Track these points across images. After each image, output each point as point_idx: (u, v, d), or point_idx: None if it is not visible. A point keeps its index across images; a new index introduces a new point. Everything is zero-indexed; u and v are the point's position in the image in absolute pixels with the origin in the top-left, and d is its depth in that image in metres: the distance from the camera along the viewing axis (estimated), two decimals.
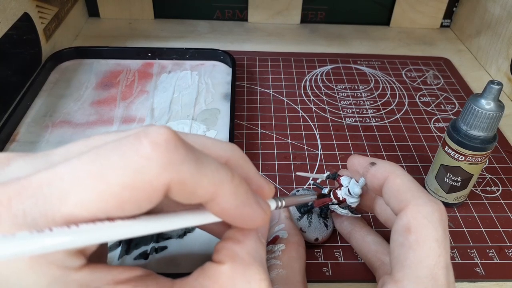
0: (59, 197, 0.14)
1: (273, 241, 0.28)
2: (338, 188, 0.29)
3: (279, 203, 0.22)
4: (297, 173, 0.35)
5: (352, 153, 0.41)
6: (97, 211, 0.14)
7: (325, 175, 0.30)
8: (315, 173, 0.32)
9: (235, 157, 0.20)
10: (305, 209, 0.31)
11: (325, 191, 0.30)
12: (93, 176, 0.14)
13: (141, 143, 0.14)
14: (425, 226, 0.21)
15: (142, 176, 0.14)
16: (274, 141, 0.42)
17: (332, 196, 0.29)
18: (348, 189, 0.28)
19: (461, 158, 0.32)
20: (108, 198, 0.14)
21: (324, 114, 0.46)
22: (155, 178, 0.14)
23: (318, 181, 0.31)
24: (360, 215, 0.30)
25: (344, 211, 0.29)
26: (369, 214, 0.35)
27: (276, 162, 0.39)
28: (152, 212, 0.16)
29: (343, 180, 0.29)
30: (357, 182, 0.28)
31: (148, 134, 0.15)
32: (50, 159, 0.16)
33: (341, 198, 0.28)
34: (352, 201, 0.28)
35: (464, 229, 0.34)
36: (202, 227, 0.25)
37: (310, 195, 0.28)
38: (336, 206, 0.29)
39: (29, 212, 0.14)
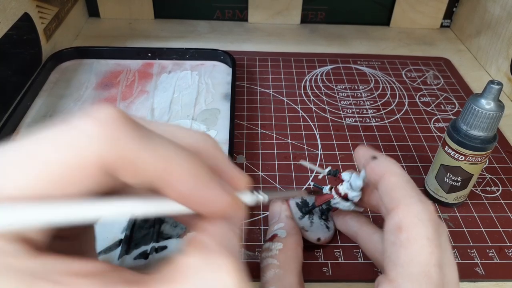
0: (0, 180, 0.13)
1: (271, 239, 0.28)
2: (340, 184, 0.29)
3: (259, 197, 0.20)
4: (300, 162, 0.35)
5: (352, 153, 0.41)
6: (36, 191, 0.14)
7: (327, 170, 0.30)
8: (317, 167, 0.32)
9: (206, 147, 0.18)
10: (306, 210, 0.31)
11: (326, 189, 0.30)
12: (31, 155, 0.14)
13: (80, 119, 0.14)
14: (416, 225, 0.21)
15: (80, 152, 0.14)
16: (274, 141, 0.42)
17: (333, 192, 0.29)
18: (350, 183, 0.28)
19: (461, 158, 0.32)
20: (47, 176, 0.14)
21: (324, 114, 0.46)
22: (94, 154, 0.14)
23: (320, 176, 0.31)
24: (362, 209, 0.29)
25: (347, 204, 0.28)
26: (369, 213, 0.35)
27: (276, 162, 0.39)
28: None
29: (344, 175, 0.28)
30: (358, 176, 0.28)
31: (92, 112, 0.14)
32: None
33: (343, 194, 0.28)
34: (354, 194, 0.28)
35: (464, 229, 0.34)
36: (179, 220, 0.24)
37: (297, 191, 0.28)
38: (339, 200, 0.29)
39: None
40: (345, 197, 0.28)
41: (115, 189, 0.16)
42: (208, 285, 0.15)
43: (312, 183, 0.32)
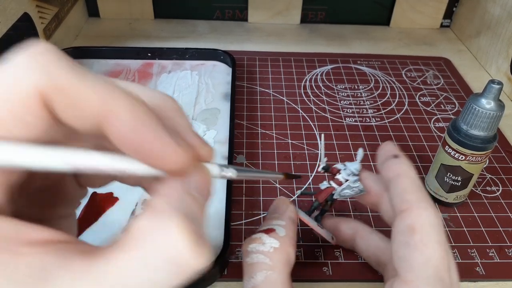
0: None
1: (266, 231, 0.25)
2: (336, 175, 0.28)
3: (226, 172, 0.18)
4: (321, 142, 0.33)
5: (352, 153, 0.41)
6: None
7: (321, 167, 0.29)
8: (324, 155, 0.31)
9: (166, 107, 0.17)
10: (312, 209, 0.30)
11: (324, 185, 0.29)
12: None
13: (16, 54, 0.14)
14: (429, 228, 0.22)
15: (15, 83, 0.13)
16: (274, 141, 0.42)
17: (333, 184, 0.28)
18: (348, 170, 0.28)
19: (461, 157, 0.32)
20: None
21: (324, 114, 0.46)
22: (28, 83, 0.13)
23: (319, 168, 0.30)
24: (365, 192, 0.29)
25: (355, 186, 0.28)
26: (369, 213, 0.35)
27: (276, 162, 0.39)
28: None
29: (338, 165, 0.28)
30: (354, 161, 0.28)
31: (26, 47, 0.14)
32: None
33: (344, 181, 0.28)
34: (355, 179, 0.28)
35: (464, 229, 0.34)
36: (141, 185, 0.21)
37: (276, 173, 0.26)
38: (344, 185, 0.28)
39: None
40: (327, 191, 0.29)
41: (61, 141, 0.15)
42: (159, 248, 0.14)
43: (298, 192, 0.32)
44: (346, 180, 0.28)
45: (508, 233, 0.34)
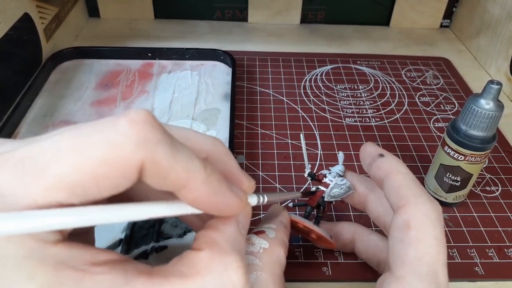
0: (40, 169, 0.14)
1: (256, 233, 0.26)
2: (324, 178, 0.30)
3: (261, 199, 0.22)
4: (301, 136, 0.34)
5: (352, 153, 0.41)
6: (74, 185, 0.14)
7: (307, 172, 0.31)
8: (306, 159, 0.31)
9: (217, 151, 0.20)
10: (305, 215, 0.30)
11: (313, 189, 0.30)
12: (73, 150, 0.14)
13: (119, 121, 0.15)
14: (425, 224, 0.21)
15: (118, 151, 0.14)
16: (274, 141, 0.42)
17: (322, 187, 0.30)
18: (333, 172, 0.29)
19: (461, 157, 0.32)
20: (85, 171, 0.14)
21: (324, 114, 0.46)
22: (130, 154, 0.15)
23: (306, 174, 0.31)
24: (354, 190, 0.29)
25: (342, 183, 0.29)
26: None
27: (276, 162, 0.39)
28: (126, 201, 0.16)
29: (323, 171, 0.30)
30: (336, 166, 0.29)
31: (127, 114, 0.15)
32: (34, 140, 0.16)
33: (332, 183, 0.29)
34: (342, 182, 0.29)
35: (464, 229, 0.34)
36: (184, 219, 0.25)
37: (294, 193, 0.28)
38: (332, 186, 0.29)
39: (9, 181, 0.14)
40: (318, 195, 0.30)
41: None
42: (218, 282, 0.16)
43: (291, 205, 0.33)
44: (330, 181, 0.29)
45: (507, 233, 0.34)
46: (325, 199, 0.29)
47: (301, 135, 0.34)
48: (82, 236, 0.20)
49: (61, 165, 0.14)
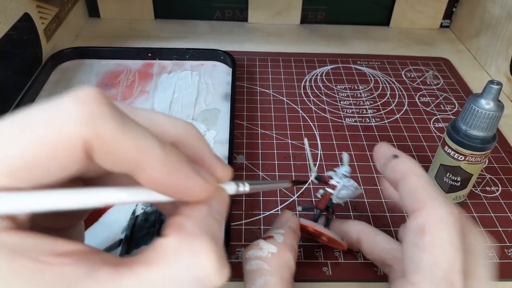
0: None
1: (265, 238, 0.26)
2: (330, 180, 0.30)
3: (241, 187, 0.20)
4: (305, 141, 0.34)
5: (352, 153, 0.41)
6: (15, 168, 0.14)
7: (313, 175, 0.31)
8: (312, 161, 0.32)
9: (187, 135, 0.18)
10: (315, 218, 0.30)
11: (320, 193, 0.31)
12: (11, 132, 0.14)
13: (63, 100, 0.14)
14: (440, 229, 0.21)
15: (60, 130, 0.14)
16: (274, 141, 0.42)
17: (329, 190, 0.30)
18: (339, 173, 0.29)
19: (461, 158, 0.32)
20: (25, 153, 0.14)
21: (324, 114, 0.46)
22: (72, 131, 0.14)
23: (312, 177, 0.31)
24: (361, 190, 0.29)
25: (349, 184, 0.29)
26: (369, 214, 0.35)
27: (276, 162, 0.39)
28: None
29: (328, 173, 0.30)
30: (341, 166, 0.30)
31: (73, 93, 0.15)
32: None
33: (339, 185, 0.29)
34: (350, 183, 0.29)
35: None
36: (161, 209, 0.23)
37: (282, 182, 0.27)
38: (338, 190, 0.29)
39: None
40: (326, 197, 0.30)
41: (87, 177, 0.17)
42: (187, 267, 0.15)
43: (300, 208, 0.33)
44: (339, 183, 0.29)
45: (507, 233, 0.34)
46: (334, 201, 0.30)
47: (305, 140, 0.34)
48: (64, 232, 0.19)
49: (5, 149, 0.14)
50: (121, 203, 0.16)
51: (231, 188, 0.19)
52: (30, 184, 0.14)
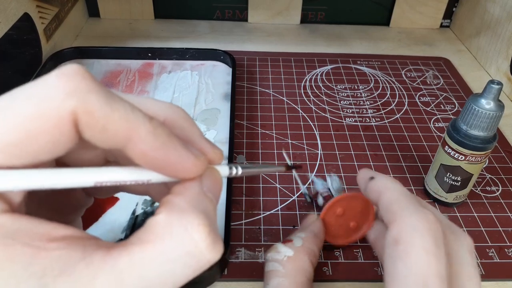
0: None
1: (284, 242, 0.27)
2: (318, 195, 0.34)
3: (234, 170, 0.19)
4: (283, 152, 0.37)
5: (352, 153, 0.41)
6: (7, 144, 0.14)
7: (306, 198, 0.36)
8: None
9: (176, 117, 0.18)
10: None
11: (320, 200, 0.34)
12: (3, 109, 0.14)
13: (49, 75, 0.15)
14: (413, 236, 0.21)
15: (47, 103, 0.14)
16: (274, 141, 0.42)
17: (323, 196, 0.34)
18: (323, 187, 0.34)
19: (461, 157, 0.32)
20: (16, 128, 0.14)
21: (324, 114, 0.46)
22: (60, 104, 0.14)
23: (307, 198, 0.36)
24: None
25: (332, 180, 0.35)
26: None
27: (276, 162, 0.39)
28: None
29: (314, 188, 0.35)
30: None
31: (58, 69, 0.15)
32: None
33: (327, 190, 0.34)
34: (331, 179, 0.35)
35: (464, 229, 0.34)
36: (153, 196, 0.23)
37: (276, 166, 0.27)
38: (331, 187, 0.34)
39: None
40: (328, 197, 0.33)
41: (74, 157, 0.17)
42: (178, 243, 0.15)
43: (305, 193, 0.35)
44: (328, 189, 0.34)
45: (507, 233, 0.34)
46: (334, 195, 0.33)
47: (283, 153, 0.36)
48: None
49: None
50: (113, 182, 0.16)
51: (223, 170, 0.19)
52: (23, 161, 0.14)
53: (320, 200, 0.34)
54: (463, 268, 0.21)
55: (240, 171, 0.20)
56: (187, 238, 0.15)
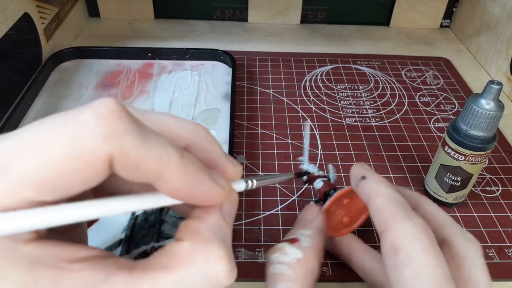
0: (1, 168, 0.14)
1: (290, 241, 0.25)
2: (316, 178, 0.33)
3: (249, 184, 0.21)
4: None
5: (352, 153, 0.41)
6: (40, 182, 0.14)
7: (304, 179, 0.33)
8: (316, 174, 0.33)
9: (198, 138, 0.19)
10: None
11: (318, 183, 0.32)
12: (35, 145, 0.14)
13: (84, 113, 0.14)
14: (411, 241, 0.21)
15: (83, 145, 0.14)
16: (274, 141, 0.42)
17: (321, 179, 0.32)
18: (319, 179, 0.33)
19: (461, 158, 0.32)
20: (50, 167, 0.14)
21: (324, 114, 0.46)
22: (96, 147, 0.14)
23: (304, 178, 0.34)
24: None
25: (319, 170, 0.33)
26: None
27: (276, 162, 0.39)
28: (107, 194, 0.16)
29: (309, 169, 0.33)
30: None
31: (92, 105, 0.15)
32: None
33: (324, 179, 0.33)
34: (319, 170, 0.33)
35: (464, 229, 0.34)
36: (176, 209, 0.24)
37: (286, 174, 0.27)
38: (331, 174, 0.33)
39: None
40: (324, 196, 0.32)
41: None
42: (200, 272, 0.16)
43: (314, 200, 0.34)
44: (319, 174, 0.33)
45: (507, 233, 0.34)
46: (332, 181, 0.32)
47: (306, 125, 0.35)
48: (69, 233, 0.19)
49: (23, 162, 0.14)
50: (141, 209, 0.17)
51: (240, 185, 0.20)
52: (54, 197, 0.14)
53: (319, 183, 0.32)
54: (476, 272, 0.21)
55: (255, 184, 0.21)
56: (208, 268, 0.16)
